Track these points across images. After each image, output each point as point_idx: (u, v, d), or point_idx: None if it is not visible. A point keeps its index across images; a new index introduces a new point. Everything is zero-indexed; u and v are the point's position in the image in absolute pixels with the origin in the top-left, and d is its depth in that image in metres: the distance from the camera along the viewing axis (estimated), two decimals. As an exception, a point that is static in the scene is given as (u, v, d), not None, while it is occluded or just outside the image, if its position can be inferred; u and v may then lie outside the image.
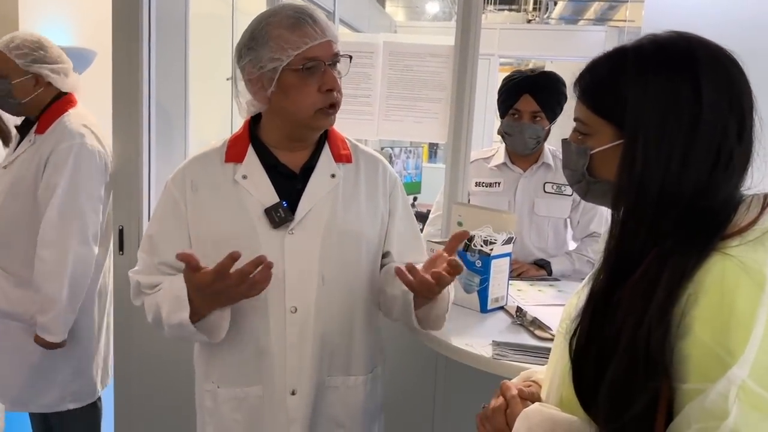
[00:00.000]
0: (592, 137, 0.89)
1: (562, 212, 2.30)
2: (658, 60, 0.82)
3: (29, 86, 2.03)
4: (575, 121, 0.93)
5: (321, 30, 1.28)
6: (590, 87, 0.89)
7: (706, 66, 0.80)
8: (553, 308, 1.81)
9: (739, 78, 0.82)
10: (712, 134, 0.79)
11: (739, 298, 0.72)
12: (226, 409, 1.38)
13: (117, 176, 2.13)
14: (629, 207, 0.82)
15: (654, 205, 0.80)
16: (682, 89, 0.79)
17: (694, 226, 0.79)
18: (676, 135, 0.79)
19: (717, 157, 0.79)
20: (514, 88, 2.23)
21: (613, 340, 0.78)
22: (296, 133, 1.36)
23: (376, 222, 1.43)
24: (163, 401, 2.20)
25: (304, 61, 1.26)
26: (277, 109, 1.33)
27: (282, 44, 1.26)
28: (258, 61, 1.28)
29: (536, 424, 0.88)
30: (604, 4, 8.10)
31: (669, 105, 0.80)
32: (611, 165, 0.86)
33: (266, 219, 1.32)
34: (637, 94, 0.81)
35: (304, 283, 1.28)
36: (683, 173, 0.79)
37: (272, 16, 1.29)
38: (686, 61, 0.81)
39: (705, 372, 0.73)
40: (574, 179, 0.95)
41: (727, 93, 0.80)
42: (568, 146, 0.94)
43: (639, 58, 0.84)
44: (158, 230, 1.39)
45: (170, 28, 2.23)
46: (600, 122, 0.87)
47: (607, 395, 0.78)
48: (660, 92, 0.80)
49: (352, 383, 1.43)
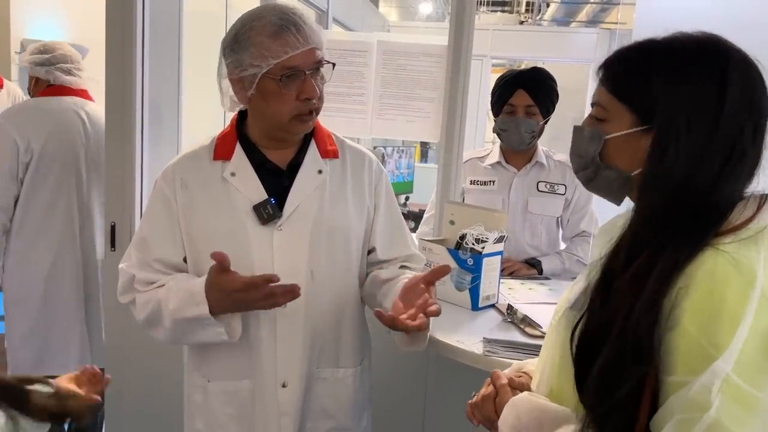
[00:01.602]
0: (609, 122, 0.90)
1: (554, 211, 2.33)
2: (692, 59, 0.84)
3: None
4: (593, 105, 0.94)
5: (304, 38, 1.27)
6: (618, 73, 0.91)
7: (735, 68, 0.83)
8: (543, 306, 1.82)
9: (761, 83, 0.84)
10: (729, 133, 0.81)
11: (729, 293, 0.74)
12: (217, 403, 1.39)
13: (109, 173, 2.13)
14: (648, 197, 0.84)
15: (669, 198, 0.82)
16: (711, 89, 0.82)
17: (691, 221, 0.80)
18: (700, 132, 0.81)
19: (730, 155, 0.82)
20: (507, 84, 2.27)
21: (607, 326, 0.80)
22: (274, 134, 1.37)
23: (363, 217, 1.44)
24: (154, 395, 2.19)
25: (283, 70, 1.26)
26: (256, 110, 1.35)
27: (263, 52, 1.26)
28: (239, 64, 1.28)
29: (524, 412, 0.90)
30: (596, 7, 8.15)
31: (698, 103, 0.82)
32: (624, 152, 0.88)
33: (255, 216, 1.34)
34: (669, 89, 0.83)
35: (293, 278, 1.28)
36: (699, 169, 0.81)
37: (256, 20, 1.28)
38: (719, 63, 0.83)
39: (691, 364, 0.74)
40: (582, 165, 0.95)
41: (749, 96, 0.83)
42: (580, 132, 0.95)
43: (673, 55, 0.86)
44: (151, 228, 1.39)
45: (164, 26, 2.22)
46: (621, 108, 0.89)
47: (595, 379, 0.80)
48: (692, 90, 0.82)
49: (341, 375, 1.45)
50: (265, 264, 1.32)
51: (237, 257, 1.29)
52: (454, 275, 1.80)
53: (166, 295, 1.30)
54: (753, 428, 0.72)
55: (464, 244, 1.79)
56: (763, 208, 0.81)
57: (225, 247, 1.28)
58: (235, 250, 1.29)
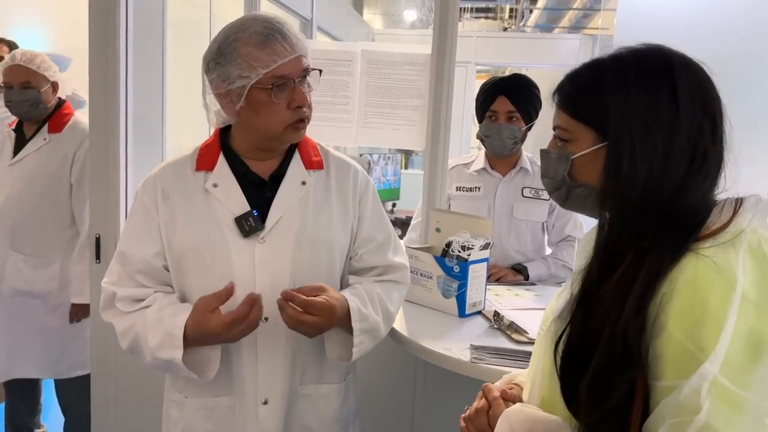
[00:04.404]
0: (573, 143, 0.93)
1: (539, 216, 2.35)
2: (637, 69, 0.87)
3: (50, 93, 2.43)
4: (555, 129, 0.96)
5: (291, 46, 1.27)
6: (571, 95, 0.94)
7: (681, 72, 0.86)
8: (530, 312, 1.83)
9: (708, 83, 0.88)
10: (688, 134, 0.84)
11: (711, 297, 0.75)
12: (196, 419, 1.36)
13: (93, 184, 2.11)
14: (615, 208, 0.86)
15: (637, 205, 0.84)
16: (661, 95, 0.85)
17: (670, 227, 0.82)
18: (658, 137, 0.84)
19: (693, 156, 0.84)
20: (489, 90, 2.30)
21: (595, 335, 0.81)
22: (265, 144, 1.35)
23: (347, 229, 1.42)
24: (142, 409, 2.17)
25: (273, 79, 1.25)
26: (246, 123, 1.32)
27: (251, 62, 1.24)
28: (226, 77, 1.26)
29: (517, 423, 0.90)
30: (579, 13, 8.22)
31: (650, 110, 0.85)
32: (592, 169, 0.90)
33: (237, 228, 1.31)
34: (619, 102, 0.86)
35: (275, 292, 1.26)
36: (664, 173, 0.83)
37: (241, 32, 1.26)
38: (663, 69, 0.86)
39: (679, 369, 0.75)
40: (554, 186, 0.98)
41: (700, 96, 0.86)
42: (547, 154, 0.98)
43: (620, 68, 0.89)
44: (132, 240, 1.35)
45: (148, 35, 2.21)
46: (581, 128, 0.91)
47: (586, 387, 0.81)
48: (641, 99, 0.85)
49: (324, 391, 1.42)
50: (246, 277, 1.30)
51: (218, 270, 1.28)
52: (440, 282, 1.81)
53: (144, 328, 1.28)
54: (742, 428, 0.73)
55: (450, 252, 1.80)
56: (739, 212, 0.83)
57: (206, 260, 1.27)
58: (216, 263, 1.28)
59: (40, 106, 2.39)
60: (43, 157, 2.41)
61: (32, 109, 2.39)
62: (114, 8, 2.02)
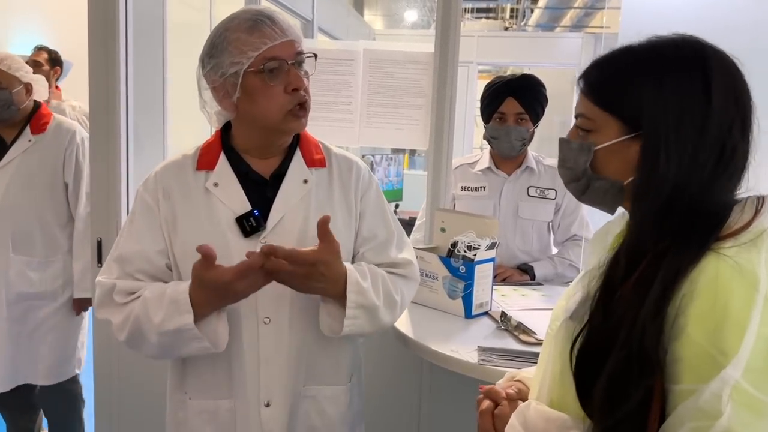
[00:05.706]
0: (597, 133, 0.89)
1: (545, 215, 2.32)
2: (672, 60, 0.84)
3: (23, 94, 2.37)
4: (577, 117, 0.92)
5: (281, 30, 1.26)
6: (598, 82, 0.90)
7: (716, 65, 0.82)
8: (537, 312, 1.81)
9: (741, 79, 0.84)
10: (719, 131, 0.81)
11: (733, 299, 0.72)
12: (198, 422, 1.34)
13: (94, 187, 2.10)
14: (648, 204, 0.83)
15: (666, 201, 0.81)
16: (695, 87, 0.81)
17: (691, 227, 0.79)
18: (690, 132, 0.81)
19: (721, 153, 0.81)
20: (497, 92, 2.26)
21: (612, 336, 0.78)
22: (267, 138, 1.33)
23: (350, 227, 1.39)
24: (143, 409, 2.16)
25: (264, 61, 1.24)
26: (245, 115, 1.30)
27: (241, 47, 1.23)
28: (219, 67, 1.26)
29: (532, 419, 0.88)
30: (581, 12, 8.20)
31: (684, 103, 0.81)
32: (615, 161, 0.87)
33: (238, 228, 1.30)
34: (653, 93, 0.83)
35: (277, 293, 1.24)
36: (693, 170, 0.80)
37: (230, 22, 1.27)
38: (698, 61, 0.82)
39: (698, 372, 0.73)
40: (573, 177, 0.94)
41: (732, 91, 0.82)
42: (567, 144, 0.94)
43: (653, 58, 0.85)
44: (133, 240, 1.33)
45: (148, 38, 2.20)
46: (606, 117, 0.88)
47: (602, 390, 0.78)
48: (676, 91, 0.82)
49: (329, 393, 1.39)
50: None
51: None
52: (446, 283, 1.79)
53: (145, 307, 1.24)
54: None
55: (456, 252, 1.78)
56: (761, 210, 0.80)
57: None
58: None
59: (12, 107, 2.34)
60: (34, 159, 2.38)
61: (3, 111, 2.34)
62: (114, 12, 2.01)
